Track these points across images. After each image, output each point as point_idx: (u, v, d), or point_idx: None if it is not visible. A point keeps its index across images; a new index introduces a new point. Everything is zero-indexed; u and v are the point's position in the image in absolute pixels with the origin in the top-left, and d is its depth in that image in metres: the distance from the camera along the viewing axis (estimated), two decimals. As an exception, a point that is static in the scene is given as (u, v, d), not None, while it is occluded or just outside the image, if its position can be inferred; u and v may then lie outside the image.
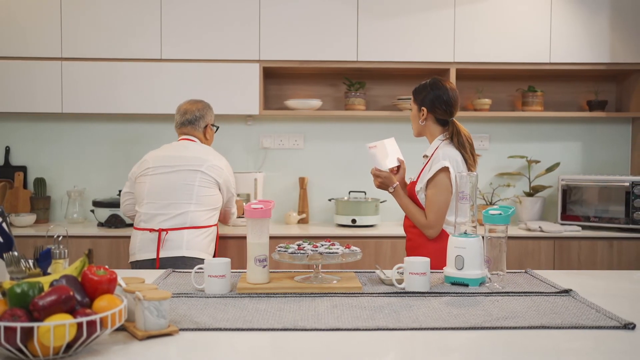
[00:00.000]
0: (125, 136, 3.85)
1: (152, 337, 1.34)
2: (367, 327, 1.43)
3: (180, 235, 2.67)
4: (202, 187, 2.73)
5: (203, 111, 2.94)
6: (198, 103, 2.96)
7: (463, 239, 1.88)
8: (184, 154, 2.80)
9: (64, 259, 1.62)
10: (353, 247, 1.91)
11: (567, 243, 3.36)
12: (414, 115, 2.47)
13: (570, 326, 1.45)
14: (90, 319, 1.17)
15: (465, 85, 3.85)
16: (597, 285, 1.94)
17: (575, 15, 3.59)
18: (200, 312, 1.56)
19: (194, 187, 2.72)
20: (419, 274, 1.80)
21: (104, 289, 1.28)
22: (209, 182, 2.76)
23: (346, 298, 1.71)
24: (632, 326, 1.44)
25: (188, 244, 2.66)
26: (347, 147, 3.90)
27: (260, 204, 1.85)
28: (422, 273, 1.80)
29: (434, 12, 3.56)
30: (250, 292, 1.76)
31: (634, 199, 3.35)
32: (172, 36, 3.52)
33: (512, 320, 1.49)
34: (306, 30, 3.54)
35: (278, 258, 1.85)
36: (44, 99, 3.51)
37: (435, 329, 1.43)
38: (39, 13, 3.49)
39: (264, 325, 1.44)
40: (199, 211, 2.71)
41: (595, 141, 3.93)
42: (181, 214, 2.69)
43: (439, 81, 2.42)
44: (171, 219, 2.69)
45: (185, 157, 2.78)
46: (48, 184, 3.79)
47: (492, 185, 3.86)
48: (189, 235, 2.68)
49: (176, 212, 2.69)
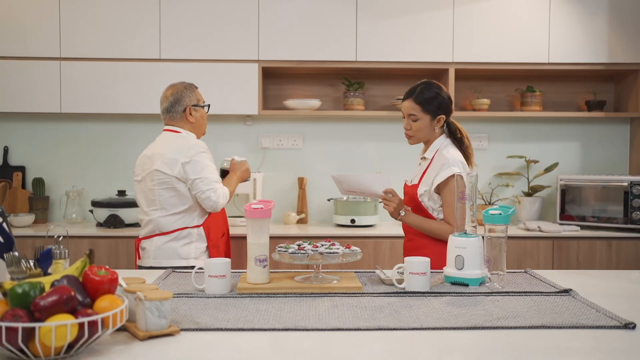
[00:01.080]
0: (124, 136, 3.84)
1: (153, 337, 1.34)
2: (368, 327, 1.43)
3: (151, 243, 2.59)
4: (160, 189, 2.54)
5: (178, 94, 2.64)
6: (173, 87, 2.68)
7: (463, 238, 1.88)
8: (153, 151, 2.60)
9: (65, 259, 1.62)
10: (353, 247, 1.91)
11: (566, 243, 3.37)
12: (424, 125, 2.32)
13: (571, 326, 1.45)
14: (91, 319, 1.17)
15: (464, 85, 3.86)
16: (596, 285, 1.95)
17: (573, 15, 3.59)
18: (201, 312, 1.56)
19: (155, 191, 2.55)
20: (419, 274, 1.80)
21: (105, 289, 1.28)
22: (166, 180, 2.53)
23: (347, 298, 1.71)
24: (632, 326, 1.44)
25: (156, 252, 2.57)
26: (346, 147, 3.90)
27: (260, 204, 1.85)
28: (423, 273, 1.80)
29: (433, 12, 3.56)
30: (250, 292, 1.76)
31: (633, 199, 3.36)
32: (171, 36, 3.51)
33: (512, 320, 1.50)
34: (305, 30, 3.54)
35: (278, 258, 1.85)
36: (43, 98, 3.51)
37: (436, 328, 1.43)
38: (38, 13, 3.49)
39: (265, 325, 1.44)
40: (164, 216, 2.56)
41: (594, 141, 3.93)
42: (149, 221, 2.59)
43: (435, 82, 2.36)
44: (143, 228, 2.63)
45: (149, 157, 2.60)
46: (47, 184, 3.78)
47: (491, 185, 3.87)
48: (159, 242, 2.57)
49: (145, 219, 2.61)
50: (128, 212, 3.49)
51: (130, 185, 3.81)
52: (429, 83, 2.34)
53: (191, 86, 2.71)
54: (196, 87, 2.74)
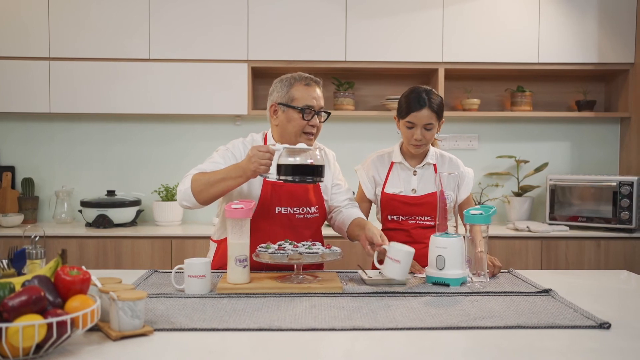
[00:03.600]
0: (113, 136, 3.83)
1: (126, 337, 1.34)
2: (343, 327, 1.42)
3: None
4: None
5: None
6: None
7: (444, 238, 1.88)
8: None
9: (41, 259, 1.62)
10: (334, 247, 1.90)
11: (555, 243, 3.36)
12: (434, 133, 2.20)
13: (546, 326, 1.45)
14: (60, 319, 1.16)
15: (454, 85, 3.85)
16: (581, 285, 1.95)
17: (563, 15, 3.59)
18: (178, 312, 1.55)
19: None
20: (393, 260, 1.80)
21: (77, 289, 1.28)
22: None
23: (326, 298, 1.71)
24: (607, 325, 1.44)
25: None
26: (336, 147, 3.85)
27: (241, 204, 1.84)
28: (397, 260, 1.80)
29: (423, 12, 3.56)
30: (230, 292, 1.76)
31: (621, 199, 3.36)
32: (160, 36, 3.51)
33: (488, 320, 1.49)
34: (294, 30, 3.54)
35: (258, 258, 1.85)
36: (32, 98, 3.50)
37: (412, 328, 1.43)
38: (27, 13, 3.48)
39: (239, 325, 1.44)
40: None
41: (584, 141, 3.93)
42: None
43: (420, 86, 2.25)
44: None
45: None
46: (36, 184, 3.77)
47: (481, 185, 3.87)
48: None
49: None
50: (117, 212, 3.48)
51: (120, 186, 3.81)
52: (426, 89, 2.19)
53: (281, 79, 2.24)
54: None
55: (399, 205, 2.24)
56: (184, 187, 1.99)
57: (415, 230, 2.24)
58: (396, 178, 2.28)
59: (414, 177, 2.26)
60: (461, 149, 3.88)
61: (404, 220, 2.24)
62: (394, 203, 2.25)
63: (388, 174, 2.29)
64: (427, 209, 2.22)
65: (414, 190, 2.24)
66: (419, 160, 2.27)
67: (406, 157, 2.28)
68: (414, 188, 2.25)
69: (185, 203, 2.01)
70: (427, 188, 2.24)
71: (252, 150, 1.88)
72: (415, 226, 2.24)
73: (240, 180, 1.93)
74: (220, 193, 1.98)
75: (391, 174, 2.29)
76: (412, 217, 2.24)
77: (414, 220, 2.23)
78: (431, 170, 2.26)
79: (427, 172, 2.26)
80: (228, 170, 1.95)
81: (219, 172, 1.96)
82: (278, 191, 2.09)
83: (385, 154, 2.34)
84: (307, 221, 2.13)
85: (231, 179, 1.93)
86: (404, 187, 2.25)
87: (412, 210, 2.23)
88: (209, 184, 1.95)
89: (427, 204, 2.22)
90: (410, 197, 2.24)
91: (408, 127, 2.18)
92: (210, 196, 1.97)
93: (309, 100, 2.09)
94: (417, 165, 2.27)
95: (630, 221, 3.35)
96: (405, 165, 2.27)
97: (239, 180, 1.93)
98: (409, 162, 2.27)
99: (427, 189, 2.24)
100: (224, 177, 1.93)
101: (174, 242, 3.31)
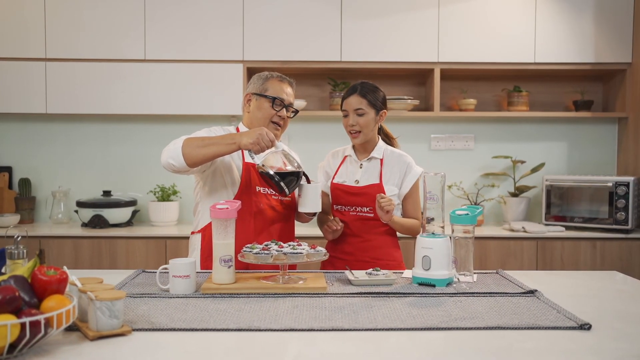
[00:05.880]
0: (109, 136, 3.85)
1: (103, 337, 1.34)
2: (322, 328, 1.42)
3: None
4: None
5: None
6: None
7: (430, 239, 1.87)
8: None
9: (23, 259, 1.62)
10: (319, 247, 1.90)
11: (550, 243, 3.35)
12: (370, 120, 2.28)
13: (527, 327, 1.44)
14: (33, 319, 1.16)
15: (450, 85, 3.84)
16: (570, 285, 1.94)
17: (559, 14, 3.58)
18: (159, 312, 1.55)
19: None
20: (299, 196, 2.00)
21: (54, 289, 1.28)
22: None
23: (309, 298, 1.70)
24: (587, 327, 1.43)
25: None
26: (332, 147, 3.84)
27: (226, 204, 1.84)
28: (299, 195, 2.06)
29: (418, 12, 3.55)
30: (214, 292, 1.76)
31: (617, 200, 3.34)
32: (156, 37, 3.52)
33: (470, 321, 1.49)
34: (290, 30, 3.54)
35: (243, 259, 1.85)
36: (28, 99, 3.52)
37: (391, 329, 1.42)
38: (23, 13, 3.50)
39: (219, 325, 1.43)
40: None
41: (581, 141, 3.91)
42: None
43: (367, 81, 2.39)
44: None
45: None
46: (33, 184, 3.79)
47: (477, 185, 3.85)
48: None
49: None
50: (112, 213, 3.49)
51: (116, 186, 3.82)
52: (366, 82, 2.37)
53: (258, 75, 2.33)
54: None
55: (342, 195, 2.33)
56: (174, 145, 2.05)
57: (354, 222, 2.30)
58: (344, 170, 2.40)
59: (359, 170, 2.36)
60: (457, 149, 3.87)
61: (346, 210, 2.33)
62: (338, 192, 2.35)
63: (339, 167, 2.41)
64: (367, 199, 2.29)
65: (357, 182, 2.34)
66: (367, 155, 2.37)
67: (356, 151, 2.40)
68: (357, 179, 2.34)
69: (172, 161, 2.04)
70: (370, 180, 2.33)
71: (259, 129, 2.00)
72: (356, 218, 2.30)
73: (232, 147, 2.01)
74: (210, 156, 2.04)
75: (342, 166, 2.41)
76: (353, 207, 2.31)
77: (355, 212, 2.31)
78: (376, 164, 2.35)
79: (372, 165, 2.35)
80: (223, 136, 2.05)
81: (213, 137, 2.06)
82: (258, 174, 2.19)
83: (341, 150, 2.47)
84: (282, 203, 2.29)
85: (224, 145, 2.01)
86: (348, 178, 2.36)
87: (353, 200, 2.31)
88: (202, 145, 2.02)
89: (366, 195, 2.29)
90: (352, 187, 2.33)
91: (344, 116, 2.33)
92: (198, 157, 2.02)
93: (280, 93, 2.24)
94: (364, 159, 2.36)
95: (626, 222, 3.33)
96: (353, 159, 2.38)
97: (231, 147, 2.01)
98: (357, 155, 2.38)
99: (370, 181, 2.32)
100: (218, 142, 2.02)
101: (168, 242, 3.31)
